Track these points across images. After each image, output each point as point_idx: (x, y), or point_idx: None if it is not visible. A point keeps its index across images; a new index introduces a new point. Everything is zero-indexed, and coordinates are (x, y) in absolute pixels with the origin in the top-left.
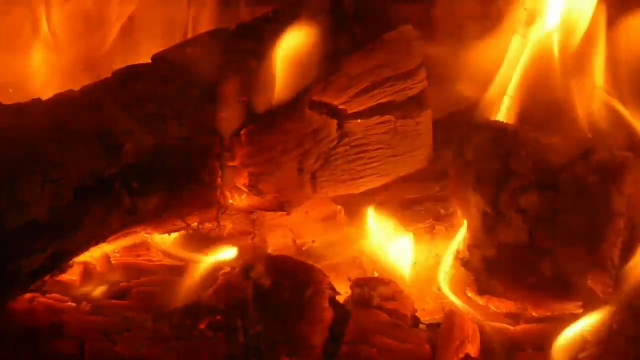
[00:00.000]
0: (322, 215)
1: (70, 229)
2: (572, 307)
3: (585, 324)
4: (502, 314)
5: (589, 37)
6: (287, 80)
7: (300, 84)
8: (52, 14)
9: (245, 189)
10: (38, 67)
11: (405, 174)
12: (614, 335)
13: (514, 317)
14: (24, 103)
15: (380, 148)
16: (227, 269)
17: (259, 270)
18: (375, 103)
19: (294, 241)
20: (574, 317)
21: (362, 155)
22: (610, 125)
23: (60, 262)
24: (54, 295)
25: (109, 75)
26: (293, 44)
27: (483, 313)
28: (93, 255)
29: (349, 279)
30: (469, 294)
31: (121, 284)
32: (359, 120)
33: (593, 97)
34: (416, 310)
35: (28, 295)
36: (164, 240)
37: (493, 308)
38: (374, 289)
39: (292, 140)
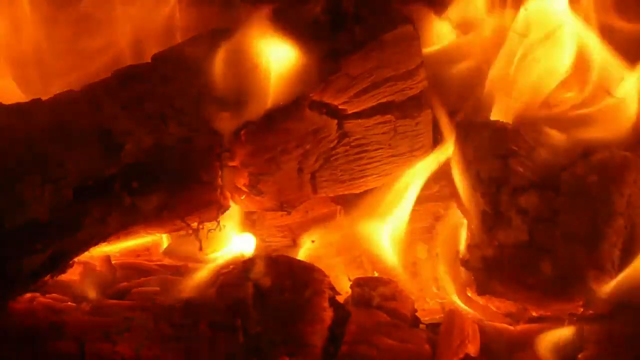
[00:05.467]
0: (322, 215)
1: (70, 229)
2: (572, 307)
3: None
4: (502, 314)
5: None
6: (287, 80)
7: (300, 84)
8: None
9: (246, 189)
10: None
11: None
12: (614, 336)
13: (514, 317)
14: (24, 103)
15: (380, 148)
16: (227, 269)
17: (259, 270)
18: (375, 103)
19: (294, 241)
20: (574, 317)
21: (362, 155)
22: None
23: (60, 262)
24: (54, 295)
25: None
26: (293, 44)
27: (483, 313)
28: (93, 255)
29: (349, 279)
30: (469, 294)
31: (121, 284)
32: (359, 120)
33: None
34: (416, 310)
35: (28, 295)
36: (164, 241)
37: (493, 308)
38: (374, 289)
39: (292, 141)
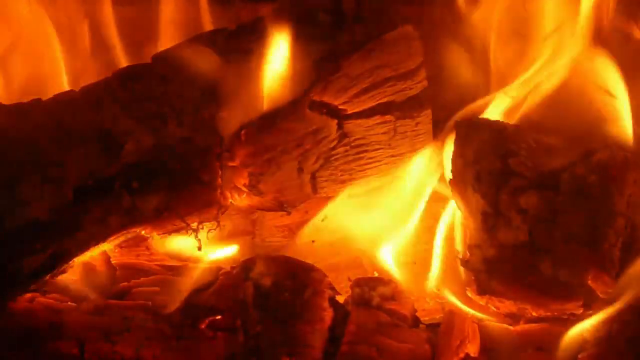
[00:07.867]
0: (322, 215)
1: (70, 229)
2: (572, 307)
3: (585, 324)
4: (502, 314)
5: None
6: (287, 80)
7: (300, 84)
8: None
9: (246, 189)
10: None
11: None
12: (614, 336)
13: (514, 317)
14: (24, 103)
15: (380, 148)
16: (227, 269)
17: (259, 270)
18: (375, 103)
19: (294, 241)
20: (574, 317)
21: (362, 155)
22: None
23: (60, 262)
24: (54, 295)
25: None
26: (293, 44)
27: (483, 313)
28: (93, 255)
29: (349, 279)
30: (469, 294)
31: (121, 284)
32: (359, 121)
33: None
34: (416, 310)
35: (28, 295)
36: (164, 241)
37: (493, 308)
38: (374, 289)
39: (292, 141)
